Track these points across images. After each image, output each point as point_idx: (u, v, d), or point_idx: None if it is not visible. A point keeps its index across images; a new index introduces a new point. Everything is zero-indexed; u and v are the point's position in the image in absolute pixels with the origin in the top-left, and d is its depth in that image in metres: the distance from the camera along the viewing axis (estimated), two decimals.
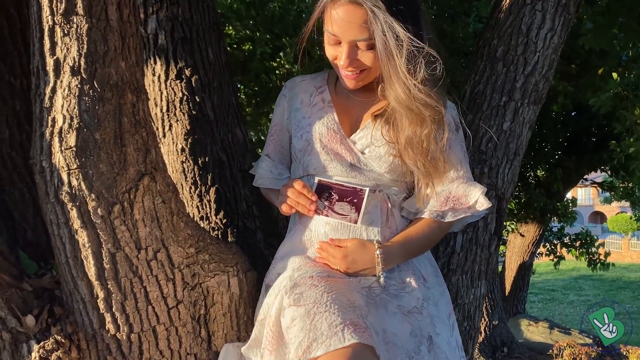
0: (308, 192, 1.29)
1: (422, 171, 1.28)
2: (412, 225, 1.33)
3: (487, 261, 1.72)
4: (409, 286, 1.26)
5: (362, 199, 1.28)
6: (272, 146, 1.49)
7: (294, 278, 1.19)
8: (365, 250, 1.25)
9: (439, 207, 1.32)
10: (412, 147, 1.25)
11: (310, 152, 1.35)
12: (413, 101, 1.19)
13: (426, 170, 1.29)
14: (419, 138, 1.23)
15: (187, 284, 1.33)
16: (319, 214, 1.31)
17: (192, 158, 1.95)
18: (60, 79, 1.23)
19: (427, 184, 1.30)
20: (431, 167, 1.27)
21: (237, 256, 1.44)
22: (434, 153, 1.25)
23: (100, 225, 1.24)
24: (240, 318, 1.41)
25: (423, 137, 1.23)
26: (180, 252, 1.32)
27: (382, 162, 1.30)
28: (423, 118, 1.21)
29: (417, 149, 1.24)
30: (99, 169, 1.23)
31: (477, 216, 1.38)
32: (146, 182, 1.29)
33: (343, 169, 1.32)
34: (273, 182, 1.48)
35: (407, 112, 1.22)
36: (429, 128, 1.23)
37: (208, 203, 1.93)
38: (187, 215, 1.38)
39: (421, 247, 1.33)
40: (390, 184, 1.34)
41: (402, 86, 1.18)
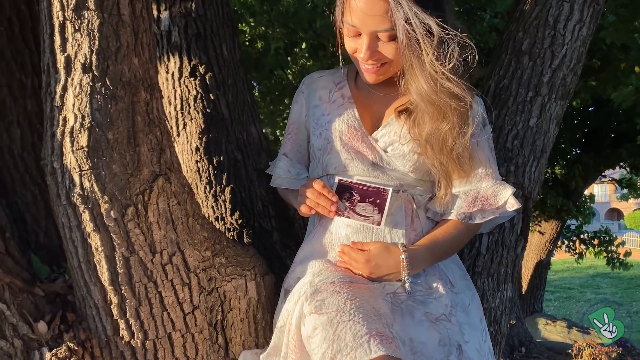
0: (328, 193, 1.23)
1: (440, 171, 1.22)
2: (438, 227, 1.27)
3: (514, 263, 1.65)
4: (436, 292, 1.19)
5: (385, 200, 1.22)
6: (289, 145, 1.43)
7: (315, 284, 1.13)
8: (390, 254, 1.18)
9: (467, 208, 1.25)
10: (432, 145, 1.18)
11: (329, 151, 1.28)
12: (437, 93, 1.12)
13: (445, 170, 1.22)
14: (440, 134, 1.16)
15: (203, 289, 1.27)
16: (340, 216, 1.24)
17: (206, 157, 1.90)
18: (71, 76, 1.18)
19: (446, 185, 1.24)
20: (455, 165, 1.20)
21: (254, 259, 1.38)
22: (458, 150, 1.18)
23: (113, 228, 1.19)
24: (258, 324, 1.35)
25: (445, 133, 1.16)
26: (196, 256, 1.27)
27: (406, 161, 1.24)
28: (446, 112, 1.15)
29: (437, 147, 1.18)
30: (111, 170, 1.18)
31: (505, 217, 1.31)
32: (160, 183, 1.23)
33: (364, 168, 1.25)
34: (291, 182, 1.42)
35: (428, 106, 1.15)
36: (452, 122, 1.16)
37: (223, 203, 1.88)
38: (203, 217, 1.33)
39: (448, 250, 1.26)
40: (415, 184, 1.27)
41: (426, 77, 1.12)
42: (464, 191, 1.26)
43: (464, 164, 1.21)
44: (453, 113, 1.15)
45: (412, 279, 1.19)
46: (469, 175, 1.23)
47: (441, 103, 1.13)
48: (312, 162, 1.38)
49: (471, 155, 1.21)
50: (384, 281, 1.20)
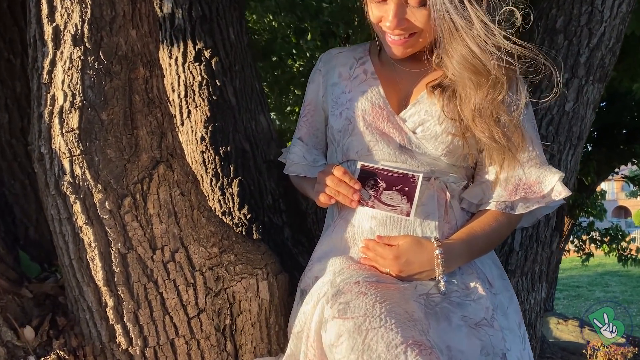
0: (350, 180, 1.08)
1: (500, 145, 1.05)
2: (475, 219, 1.11)
3: (549, 261, 1.49)
4: (475, 292, 1.04)
5: (414, 187, 1.06)
6: (305, 128, 1.27)
7: (337, 284, 0.98)
8: (422, 249, 1.03)
9: (508, 197, 1.10)
10: (475, 122, 1.03)
11: (351, 133, 1.13)
12: (483, 60, 0.97)
13: (489, 152, 1.07)
14: (487, 108, 1.01)
15: (210, 290, 1.12)
16: (363, 206, 1.09)
17: (212, 147, 1.75)
18: (60, 49, 1.04)
19: (492, 169, 1.08)
20: (501, 146, 1.04)
21: (266, 256, 1.23)
22: (508, 126, 1.03)
23: (108, 221, 1.04)
24: (271, 328, 1.20)
25: (494, 106, 1.01)
26: (202, 253, 1.12)
27: (438, 143, 1.08)
28: (496, 80, 0.99)
29: (482, 124, 1.02)
30: (106, 155, 1.03)
31: (551, 207, 1.15)
32: (161, 170, 1.09)
33: (391, 151, 1.10)
34: (307, 169, 1.27)
35: (474, 76, 1.00)
36: (504, 92, 1.00)
37: (231, 197, 1.73)
38: (209, 209, 1.18)
39: (487, 245, 1.11)
40: (448, 170, 1.12)
41: (469, 42, 0.97)
42: (504, 178, 1.11)
43: (513, 143, 1.05)
44: (504, 82, 0.99)
45: (447, 278, 1.04)
46: (514, 159, 1.07)
47: (487, 71, 0.98)
48: (331, 147, 1.22)
49: (522, 131, 1.06)
50: (414, 280, 1.05)
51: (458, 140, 1.08)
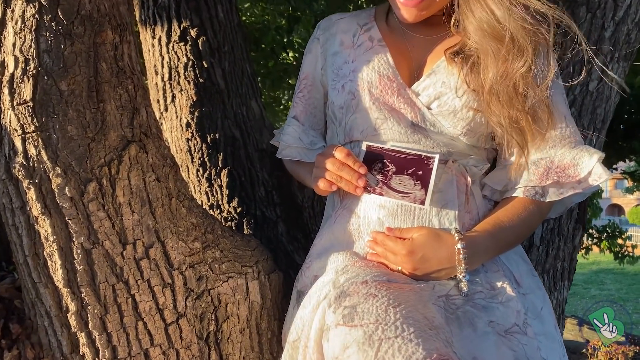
0: (354, 163, 0.92)
1: (511, 132, 0.90)
2: (501, 208, 0.95)
3: (571, 256, 1.33)
4: (502, 293, 0.87)
5: (430, 171, 0.90)
6: (301, 106, 1.10)
7: (340, 284, 0.81)
8: (441, 243, 0.87)
9: (538, 182, 0.93)
10: (498, 95, 0.87)
11: (355, 109, 0.97)
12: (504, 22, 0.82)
13: (516, 129, 0.90)
14: (511, 79, 0.85)
15: (190, 291, 0.95)
16: (370, 193, 0.93)
17: (199, 135, 1.58)
18: (10, 7, 0.87)
19: (520, 152, 0.92)
20: (528, 123, 0.88)
21: (257, 252, 1.07)
22: (534, 101, 0.87)
23: (68, 211, 0.87)
24: (262, 335, 1.04)
25: (518, 77, 0.85)
26: (182, 248, 0.95)
27: (457, 120, 0.92)
28: (521, 48, 0.84)
29: (505, 98, 0.87)
30: (66, 133, 0.86)
31: (584, 194, 0.99)
32: (133, 152, 0.92)
33: (401, 130, 0.94)
34: (303, 152, 1.10)
35: (494, 42, 0.85)
36: (529, 63, 0.85)
37: (219, 188, 1.56)
38: (190, 198, 1.01)
39: (515, 238, 0.95)
40: (467, 151, 0.96)
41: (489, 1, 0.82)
42: (534, 160, 0.95)
43: (539, 120, 0.89)
44: (530, 50, 0.84)
45: (470, 276, 0.88)
46: (543, 138, 0.91)
47: (516, 35, 0.82)
48: (331, 127, 1.06)
49: (551, 106, 0.90)
50: (431, 280, 0.88)
51: (480, 117, 0.91)
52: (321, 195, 1.06)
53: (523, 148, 0.91)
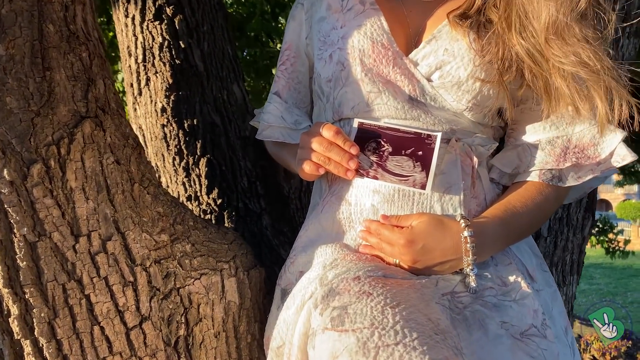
0: (344, 142, 0.79)
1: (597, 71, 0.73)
2: (512, 192, 0.83)
3: (580, 248, 1.22)
4: (516, 290, 0.75)
5: (431, 150, 0.78)
6: (283, 80, 0.97)
7: (329, 280, 0.69)
8: (445, 231, 0.74)
9: (555, 164, 0.81)
10: (563, 35, 0.72)
11: (345, 82, 0.84)
12: None
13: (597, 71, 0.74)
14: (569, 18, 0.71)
15: (156, 290, 0.82)
16: (363, 177, 0.80)
17: (175, 120, 1.45)
18: None
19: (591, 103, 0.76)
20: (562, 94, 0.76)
21: (235, 246, 0.94)
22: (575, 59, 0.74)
23: (8, 198, 0.73)
24: (241, 339, 0.91)
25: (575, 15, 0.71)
26: (146, 241, 0.82)
27: (462, 93, 0.80)
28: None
29: (573, 35, 0.72)
30: (4, 105, 0.73)
31: (602, 178, 0.87)
32: (88, 129, 0.78)
33: (398, 106, 0.81)
34: (286, 133, 0.97)
35: None
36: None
37: (197, 179, 1.43)
38: (157, 184, 0.88)
39: (528, 227, 0.83)
40: (473, 129, 0.83)
41: None
42: (548, 139, 0.83)
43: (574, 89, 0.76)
44: None
45: (479, 270, 0.76)
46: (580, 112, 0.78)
47: None
48: (318, 104, 0.93)
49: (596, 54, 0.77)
50: (434, 275, 0.76)
51: (489, 89, 0.79)
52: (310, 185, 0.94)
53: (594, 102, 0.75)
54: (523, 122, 0.85)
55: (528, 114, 0.85)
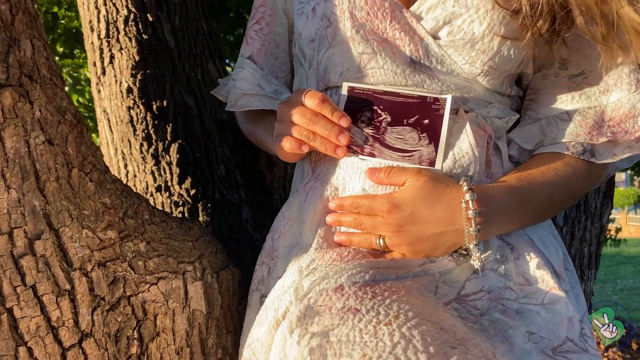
0: (332, 112, 0.64)
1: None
2: (530, 161, 0.68)
3: (598, 239, 1.08)
4: (543, 291, 0.60)
5: (440, 117, 0.62)
6: (258, 43, 0.80)
7: (304, 292, 0.54)
8: (440, 194, 0.59)
9: (587, 137, 0.66)
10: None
11: (331, 41, 0.68)
12: None
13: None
14: None
15: (100, 300, 0.66)
16: (357, 155, 0.65)
17: (142, 102, 1.28)
18: None
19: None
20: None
21: (201, 243, 0.78)
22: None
23: None
24: (210, 356, 0.75)
25: None
26: (87, 239, 0.66)
27: (476, 54, 0.64)
28: None
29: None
30: None
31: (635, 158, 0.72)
32: (8, 101, 0.62)
33: (397, 70, 0.66)
34: (266, 100, 0.79)
35: None
36: None
37: (168, 166, 1.27)
38: (103, 169, 0.72)
39: (548, 203, 0.67)
40: (488, 98, 0.68)
41: None
42: (579, 109, 0.67)
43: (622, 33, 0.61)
44: None
45: (495, 264, 0.61)
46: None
47: None
48: (299, 71, 0.77)
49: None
50: (427, 259, 0.61)
51: (510, 48, 0.64)
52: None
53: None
54: (546, 90, 0.70)
55: (552, 80, 0.70)
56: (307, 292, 0.54)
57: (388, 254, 0.62)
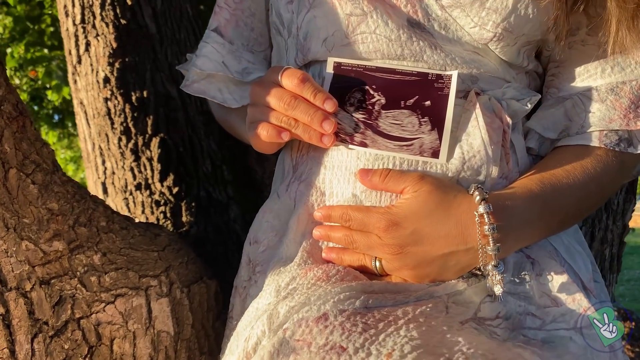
0: (314, 94, 0.53)
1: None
2: (554, 158, 0.57)
3: (620, 239, 0.96)
4: (576, 312, 0.49)
5: (444, 98, 0.52)
6: (227, 13, 0.67)
7: (280, 321, 0.43)
8: (448, 207, 0.49)
9: (624, 121, 0.55)
10: None
11: (312, 1, 0.57)
12: None
13: None
14: None
15: (42, 325, 0.56)
16: (347, 144, 0.54)
17: (121, 93, 1.17)
18: None
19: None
20: None
21: (169, 253, 0.67)
22: None
23: None
24: None
25: None
26: (27, 253, 0.55)
27: (486, 13, 0.52)
28: None
29: None
30: None
31: None
32: None
33: (392, 36, 0.54)
34: (222, 90, 0.67)
35: None
36: None
37: (149, 162, 1.16)
38: (50, 169, 0.61)
39: (575, 211, 0.56)
40: (502, 75, 0.56)
41: None
42: (610, 86, 0.56)
43: None
44: None
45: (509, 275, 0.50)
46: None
47: None
48: (277, 41, 0.65)
49: None
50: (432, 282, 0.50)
51: (528, 5, 0.52)
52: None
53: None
54: (571, 62, 0.58)
55: (578, 49, 0.58)
56: (283, 321, 0.43)
57: (387, 277, 0.51)
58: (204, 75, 0.66)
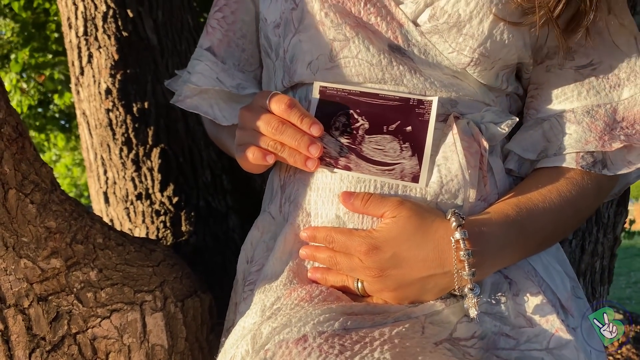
0: (301, 119, 0.54)
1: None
2: (530, 181, 0.58)
3: (612, 252, 0.98)
4: (548, 333, 0.51)
5: (425, 124, 0.53)
6: (219, 33, 0.69)
7: (262, 342, 0.45)
8: (426, 232, 0.50)
9: (599, 142, 0.56)
10: None
11: (298, 26, 0.58)
12: None
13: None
14: None
15: (40, 340, 0.58)
16: (332, 168, 0.56)
17: (123, 104, 1.20)
18: None
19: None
20: None
21: (164, 268, 0.69)
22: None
23: None
24: None
25: None
26: (25, 270, 0.58)
27: (463, 39, 0.54)
28: None
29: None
30: None
31: None
32: None
33: (374, 60, 0.56)
34: (214, 107, 0.68)
35: None
36: None
37: (149, 172, 1.18)
38: (49, 189, 0.63)
39: (553, 232, 0.57)
40: (481, 98, 0.58)
41: None
42: (585, 109, 0.57)
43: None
44: None
45: (485, 296, 0.52)
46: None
47: None
48: (266, 63, 0.66)
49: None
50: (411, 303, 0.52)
51: (504, 31, 0.54)
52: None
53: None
54: (549, 85, 0.60)
55: (556, 73, 0.59)
56: (265, 342, 0.45)
57: (368, 298, 0.53)
58: (198, 90, 0.68)
